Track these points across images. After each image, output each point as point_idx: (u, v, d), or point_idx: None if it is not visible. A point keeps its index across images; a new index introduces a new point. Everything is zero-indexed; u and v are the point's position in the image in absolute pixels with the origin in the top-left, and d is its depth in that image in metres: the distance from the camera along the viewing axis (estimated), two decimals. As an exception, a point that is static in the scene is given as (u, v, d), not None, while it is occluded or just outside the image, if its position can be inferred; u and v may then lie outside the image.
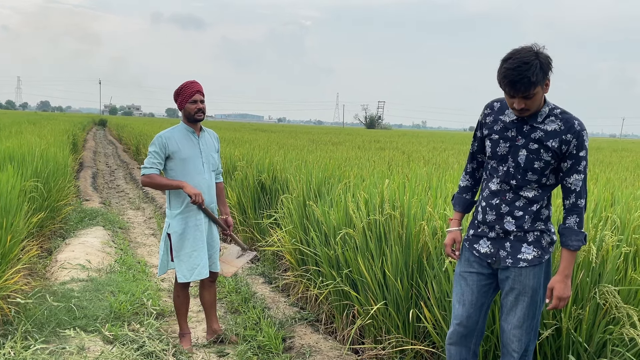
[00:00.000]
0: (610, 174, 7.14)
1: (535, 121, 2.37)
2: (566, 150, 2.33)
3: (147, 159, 3.60)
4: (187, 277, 3.66)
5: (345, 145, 12.92)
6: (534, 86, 2.21)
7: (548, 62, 2.24)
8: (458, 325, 2.61)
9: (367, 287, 3.61)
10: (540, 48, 2.24)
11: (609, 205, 3.82)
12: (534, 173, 2.38)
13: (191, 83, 3.66)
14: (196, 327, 4.30)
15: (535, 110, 2.34)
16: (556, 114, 2.35)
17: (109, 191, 11.55)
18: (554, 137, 2.33)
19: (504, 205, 2.45)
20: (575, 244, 2.33)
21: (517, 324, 2.46)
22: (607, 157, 12.82)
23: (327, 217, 4.25)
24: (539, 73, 2.20)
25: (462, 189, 2.77)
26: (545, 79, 2.25)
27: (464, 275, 2.60)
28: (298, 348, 3.82)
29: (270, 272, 5.64)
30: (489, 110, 2.55)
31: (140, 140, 16.97)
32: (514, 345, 2.48)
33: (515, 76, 2.19)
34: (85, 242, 6.31)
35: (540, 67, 2.20)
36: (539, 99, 2.29)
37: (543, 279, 2.45)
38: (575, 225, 2.34)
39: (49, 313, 4.00)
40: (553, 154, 2.34)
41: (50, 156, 7.37)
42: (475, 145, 2.67)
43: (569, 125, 2.32)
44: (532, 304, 2.44)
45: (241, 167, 7.27)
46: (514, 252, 2.44)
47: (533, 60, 2.19)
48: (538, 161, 2.36)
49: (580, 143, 2.31)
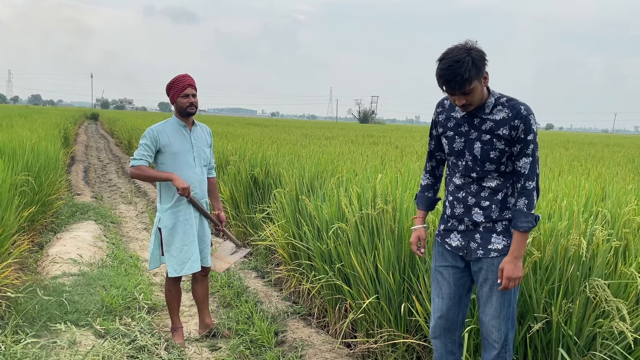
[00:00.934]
0: (602, 168, 7.18)
1: (484, 113, 2.43)
2: (515, 135, 2.38)
3: (137, 151, 3.58)
4: (178, 271, 3.65)
5: (338, 140, 12.91)
6: (468, 82, 2.28)
7: (481, 57, 2.31)
8: (439, 318, 2.66)
9: (359, 281, 3.62)
10: (473, 44, 2.31)
11: (599, 199, 3.85)
12: (492, 163, 2.43)
13: (183, 77, 3.64)
14: (188, 322, 4.30)
15: (479, 103, 2.40)
16: (503, 103, 2.42)
17: (100, 185, 11.50)
18: (504, 124, 2.39)
19: (470, 197, 2.51)
20: (524, 225, 2.37)
21: (494, 314, 2.50)
22: (599, 152, 12.89)
23: (319, 211, 4.25)
24: (472, 69, 2.26)
25: (423, 188, 2.83)
26: (482, 73, 2.32)
27: (439, 270, 2.66)
28: (290, 342, 3.82)
29: (263, 267, 5.64)
30: (441, 108, 2.62)
31: (132, 134, 16.89)
32: (494, 336, 2.51)
33: (449, 75, 2.28)
34: (77, 237, 6.28)
35: (473, 63, 2.26)
36: (479, 92, 2.35)
37: None
38: (524, 207, 2.38)
39: (40, 307, 3.99)
40: (505, 142, 2.40)
41: (41, 150, 7.32)
42: (432, 143, 2.73)
43: (515, 111, 2.38)
44: (506, 293, 2.47)
45: (234, 162, 7.25)
46: (484, 243, 2.49)
47: (465, 58, 2.26)
48: (493, 151, 2.42)
49: (528, 127, 2.36)
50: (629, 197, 3.75)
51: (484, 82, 2.35)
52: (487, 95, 2.42)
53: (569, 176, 5.52)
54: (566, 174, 6.10)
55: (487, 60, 2.33)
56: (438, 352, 2.71)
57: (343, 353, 3.66)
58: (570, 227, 2.79)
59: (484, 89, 2.39)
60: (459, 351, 2.71)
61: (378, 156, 7.82)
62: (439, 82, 2.34)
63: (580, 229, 2.72)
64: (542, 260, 2.75)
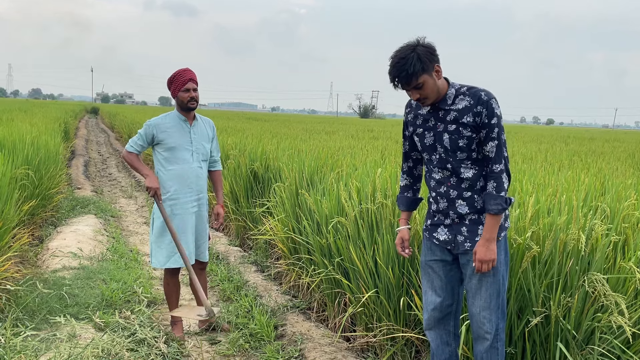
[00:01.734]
0: (602, 163, 7.17)
1: (446, 104, 2.48)
2: (480, 121, 2.41)
3: (133, 138, 3.70)
4: (162, 263, 3.67)
5: (338, 135, 12.90)
6: (415, 77, 2.35)
7: (427, 52, 2.37)
8: (433, 310, 2.68)
9: (359, 276, 3.63)
10: (421, 39, 2.39)
11: (599, 194, 3.85)
12: (462, 151, 2.46)
13: (184, 71, 3.64)
14: (188, 315, 4.31)
15: (437, 96, 2.45)
16: (464, 92, 2.46)
17: (101, 179, 11.50)
18: (467, 112, 2.43)
19: (451, 190, 2.53)
20: (494, 207, 2.39)
21: (484, 305, 2.51)
22: (600, 147, 12.88)
23: (319, 205, 4.25)
24: (417, 64, 2.33)
25: (402, 189, 2.85)
26: (430, 67, 2.37)
27: (429, 264, 2.68)
28: (290, 336, 3.83)
29: (263, 261, 5.64)
30: (409, 108, 2.68)
31: (132, 128, 16.87)
32: (486, 327, 2.52)
33: (395, 72, 2.37)
34: (77, 230, 6.29)
35: (418, 58, 2.33)
36: (432, 85, 2.40)
37: (503, 256, 2.50)
38: (493, 190, 2.41)
39: (40, 301, 4.00)
40: (471, 129, 2.43)
41: (41, 144, 7.32)
42: (407, 144, 2.76)
43: (476, 97, 2.42)
44: (495, 283, 2.48)
45: (234, 156, 7.25)
46: (471, 236, 2.51)
47: (409, 54, 2.34)
48: (461, 139, 2.45)
49: (490, 111, 2.39)
50: (629, 192, 3.75)
51: (436, 75, 2.40)
52: (446, 87, 2.47)
53: (569, 171, 5.52)
54: (566, 168, 6.10)
55: (436, 54, 2.40)
56: (434, 343, 2.74)
57: (342, 347, 3.66)
58: (570, 222, 2.79)
59: (438, 82, 2.43)
60: (455, 342, 2.73)
61: (378, 151, 7.82)
62: (390, 80, 2.42)
63: (580, 224, 2.73)
64: (541, 255, 2.75)
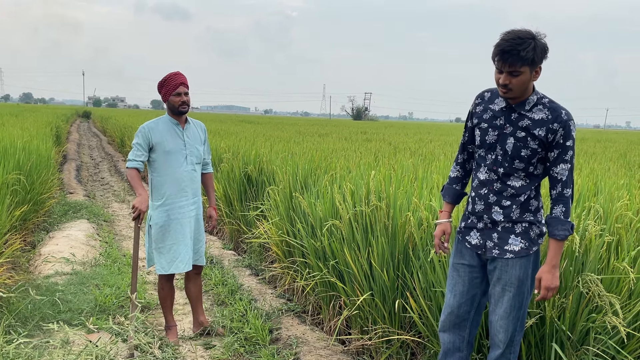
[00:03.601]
0: (594, 164, 7.22)
1: (523, 109, 2.39)
2: (552, 139, 2.33)
3: (131, 152, 3.61)
4: (166, 269, 3.65)
5: (332, 137, 12.90)
6: (521, 62, 2.24)
7: (543, 49, 2.27)
8: (450, 314, 2.63)
9: (354, 278, 3.62)
10: (541, 36, 2.27)
11: (592, 195, 3.86)
12: (521, 161, 2.39)
13: (175, 75, 3.62)
14: (182, 320, 4.29)
15: (520, 94, 2.36)
16: (544, 103, 2.37)
17: (93, 184, 11.44)
18: (541, 125, 2.34)
19: (491, 195, 2.47)
20: (561, 233, 2.34)
21: (503, 314, 2.47)
22: (591, 147, 12.95)
23: (313, 208, 4.25)
24: (530, 52, 2.23)
25: (452, 180, 2.77)
26: (536, 63, 2.28)
27: (456, 267, 2.63)
28: (285, 339, 3.82)
29: (257, 264, 5.63)
30: (480, 100, 2.57)
31: (125, 132, 16.80)
32: (500, 336, 2.49)
33: (507, 46, 2.24)
34: (70, 235, 6.25)
35: (534, 48, 2.23)
36: (525, 81, 2.30)
37: (531, 270, 2.46)
38: (561, 215, 2.35)
39: (33, 307, 3.96)
40: (540, 143, 2.35)
41: (33, 148, 7.27)
42: (466, 135, 2.68)
43: (556, 114, 2.33)
44: (518, 295, 2.45)
45: (227, 159, 7.23)
46: (502, 243, 2.46)
47: (528, 39, 2.23)
48: (525, 149, 2.37)
49: (567, 133, 2.32)
50: (621, 192, 3.77)
51: (534, 75, 2.31)
52: (530, 92, 2.38)
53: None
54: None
55: (546, 56, 2.29)
56: (445, 346, 2.69)
57: (337, 350, 3.66)
58: (563, 223, 2.79)
59: (530, 84, 2.35)
60: (467, 349, 2.68)
61: (371, 153, 7.82)
62: (494, 51, 2.29)
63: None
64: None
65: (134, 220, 3.52)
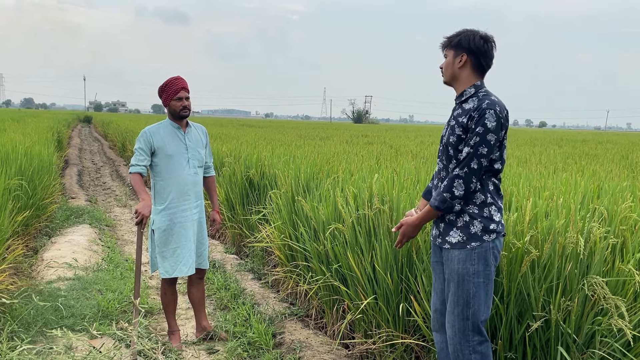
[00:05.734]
0: (596, 166, 7.20)
1: (460, 100, 2.53)
2: (470, 124, 2.41)
3: (133, 157, 3.60)
4: (170, 273, 3.64)
5: (333, 140, 12.90)
6: (445, 45, 2.54)
7: (468, 40, 2.45)
8: (435, 312, 2.70)
9: (357, 282, 3.61)
10: (482, 32, 2.47)
11: (595, 197, 3.85)
12: (450, 147, 2.48)
13: (175, 79, 3.63)
14: (185, 325, 4.28)
15: (449, 79, 2.56)
16: (479, 96, 2.47)
17: (95, 189, 11.44)
18: (466, 114, 2.44)
19: (440, 183, 2.56)
20: (433, 201, 2.47)
21: (449, 309, 2.51)
22: (593, 149, 12.94)
23: (316, 212, 4.24)
24: (454, 38, 2.50)
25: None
26: (459, 51, 2.47)
27: (432, 265, 2.71)
28: (288, 344, 3.81)
29: (260, 268, 5.62)
30: None
31: (126, 136, 16.82)
32: (449, 332, 2.51)
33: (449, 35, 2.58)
34: (72, 241, 6.24)
35: (459, 35, 2.48)
36: (448, 63, 2.53)
37: (474, 267, 2.42)
38: (441, 187, 2.45)
39: (36, 313, 3.95)
40: (462, 130, 2.43)
41: (34, 154, 7.27)
42: None
43: (480, 103, 2.42)
44: (459, 290, 2.45)
45: (229, 163, 7.23)
46: (444, 234, 2.53)
47: (461, 31, 2.50)
48: (452, 136, 2.47)
49: (480, 118, 2.37)
50: (625, 194, 3.76)
51: (459, 62, 2.47)
52: (468, 85, 2.50)
53: (563, 173, 5.53)
54: (561, 171, 6.11)
55: (477, 51, 2.45)
56: (438, 345, 2.73)
57: (341, 354, 3.64)
58: (568, 225, 2.79)
59: (462, 74, 2.49)
60: None
61: (373, 156, 7.82)
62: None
63: (578, 227, 2.72)
64: (540, 259, 2.75)
65: (137, 225, 3.51)
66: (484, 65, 2.49)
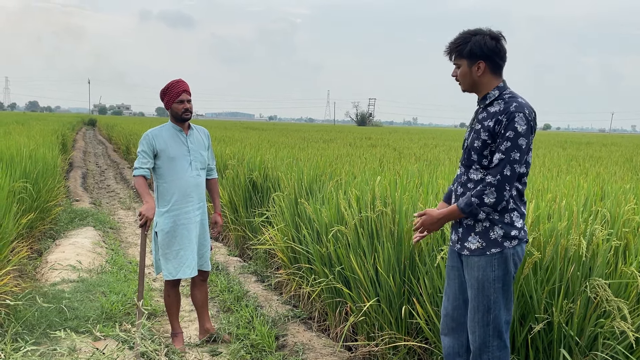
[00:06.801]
0: (600, 168, 7.18)
1: (484, 103, 2.47)
2: (498, 130, 2.35)
3: (137, 160, 3.63)
4: (173, 274, 3.66)
5: (336, 143, 12.91)
6: (450, 54, 2.47)
7: (480, 46, 2.37)
8: (445, 316, 2.66)
9: (360, 284, 3.61)
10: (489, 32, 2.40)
11: (598, 199, 3.85)
12: (475, 152, 2.43)
13: (177, 82, 3.65)
14: (188, 327, 4.29)
15: (468, 87, 2.49)
16: (504, 98, 2.41)
17: (99, 191, 11.48)
18: (492, 117, 2.39)
19: (460, 187, 2.54)
20: (461, 203, 2.41)
21: (470, 315, 2.48)
22: (597, 151, 12.90)
23: (318, 214, 4.25)
24: (463, 46, 2.40)
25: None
26: (474, 59, 2.40)
27: (447, 270, 2.67)
28: (291, 346, 3.81)
29: (263, 271, 5.62)
30: None
31: (130, 139, 16.87)
32: (471, 338, 2.49)
33: (450, 43, 2.48)
34: (76, 243, 6.27)
35: (469, 43, 2.38)
36: (464, 73, 2.45)
37: (494, 274, 2.40)
38: (473, 192, 2.38)
39: (40, 314, 3.97)
40: (489, 134, 2.37)
41: (39, 156, 7.31)
42: None
43: (507, 106, 2.36)
44: (479, 296, 2.43)
45: (232, 166, 7.24)
46: (463, 239, 2.50)
47: (468, 36, 2.41)
48: (477, 140, 2.42)
49: (509, 123, 2.31)
50: (628, 197, 3.75)
51: (476, 69, 2.41)
52: (491, 88, 2.44)
53: (567, 176, 5.53)
54: (564, 173, 6.10)
55: (491, 53, 2.39)
56: (445, 350, 2.70)
57: (344, 356, 3.64)
58: (570, 227, 2.79)
59: (482, 79, 2.42)
60: (466, 354, 2.65)
61: (376, 158, 7.82)
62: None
63: (580, 229, 2.72)
64: (542, 261, 2.74)
65: (141, 228, 3.53)
66: (501, 64, 2.44)
